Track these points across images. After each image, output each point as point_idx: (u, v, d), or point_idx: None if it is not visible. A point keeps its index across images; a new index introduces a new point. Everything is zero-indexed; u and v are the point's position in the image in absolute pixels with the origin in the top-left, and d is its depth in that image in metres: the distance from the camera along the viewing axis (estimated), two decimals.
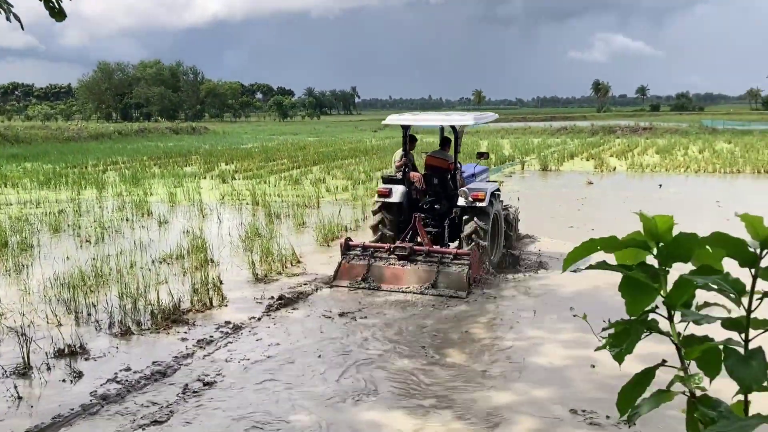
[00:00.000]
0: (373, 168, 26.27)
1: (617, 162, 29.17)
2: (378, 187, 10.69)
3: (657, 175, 24.88)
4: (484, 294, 9.16)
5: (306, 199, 17.71)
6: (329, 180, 22.87)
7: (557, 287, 9.38)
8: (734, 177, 23.81)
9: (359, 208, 16.15)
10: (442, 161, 10.58)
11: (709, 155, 30.24)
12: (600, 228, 13.94)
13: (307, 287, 9.48)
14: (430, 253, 9.47)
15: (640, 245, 1.64)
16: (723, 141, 39.94)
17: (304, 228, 14.20)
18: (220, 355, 6.99)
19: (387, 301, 8.94)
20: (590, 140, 43.75)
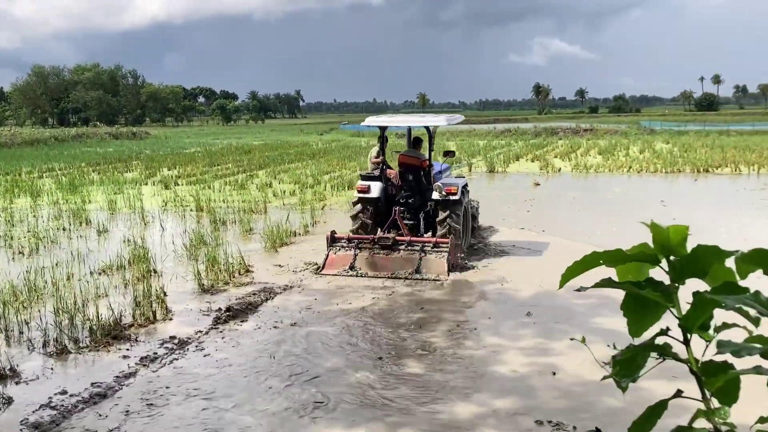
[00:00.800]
0: (321, 171, 25.94)
1: (562, 163, 29.52)
2: (357, 183, 11.50)
3: (601, 175, 25.24)
4: (439, 300, 8.96)
5: (252, 204, 17.25)
6: (276, 184, 22.42)
7: (513, 292, 9.25)
8: (675, 176, 24.33)
9: (308, 213, 15.79)
10: (416, 159, 11.45)
11: (650, 155, 30.90)
12: (551, 229, 13.95)
13: (256, 297, 9.08)
14: (411, 242, 10.47)
15: (649, 259, 1.41)
16: (661, 141, 40.99)
17: (252, 235, 13.77)
18: (166, 373, 6.56)
19: (340, 309, 8.63)
20: (534, 142, 44.32)
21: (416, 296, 9.24)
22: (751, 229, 13.79)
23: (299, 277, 10.22)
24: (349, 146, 43.60)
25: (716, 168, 25.46)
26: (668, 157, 29.14)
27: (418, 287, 9.67)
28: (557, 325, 7.75)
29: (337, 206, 17.66)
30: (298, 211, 16.67)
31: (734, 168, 25.16)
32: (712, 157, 28.44)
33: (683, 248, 1.38)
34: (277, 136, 66.29)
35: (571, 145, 39.09)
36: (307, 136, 66.74)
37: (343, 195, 19.83)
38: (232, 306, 8.62)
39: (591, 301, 8.58)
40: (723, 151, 30.91)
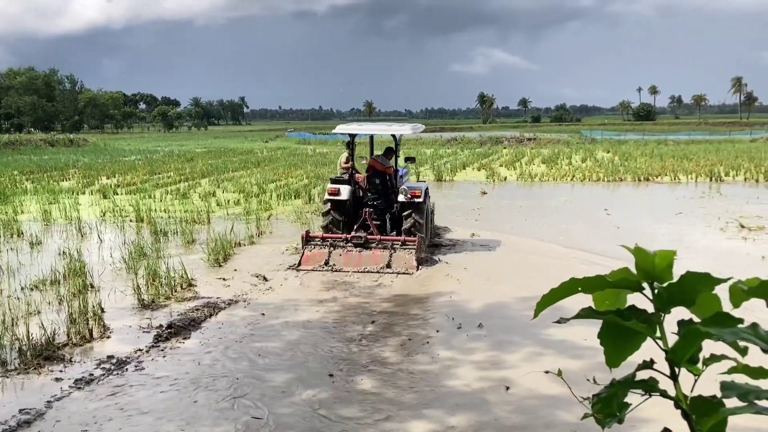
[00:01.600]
0: (266, 180, 25.56)
1: (507, 172, 29.87)
2: (327, 186, 12.50)
3: (546, 184, 25.61)
4: (390, 313, 8.82)
5: (195, 214, 16.80)
6: (220, 193, 21.97)
7: (464, 303, 9.17)
8: (617, 185, 24.87)
9: (253, 223, 15.45)
10: (383, 166, 12.64)
11: (592, 164, 31.55)
12: (498, 252, 13.99)
13: (199, 313, 8.75)
14: (381, 240, 11.53)
15: (632, 286, 1.30)
16: (602, 150, 41.97)
17: (195, 246, 13.37)
18: (102, 395, 6.20)
19: (288, 323, 8.40)
20: (479, 151, 44.78)
21: (366, 309, 9.07)
22: (691, 236, 14.11)
23: (245, 291, 9.93)
24: (295, 154, 43.22)
25: (656, 177, 26.14)
26: (609, 166, 29.80)
27: (367, 299, 9.51)
28: (509, 338, 7.69)
29: (283, 216, 17.36)
30: (243, 221, 16.31)
31: (673, 177, 25.88)
32: (652, 166, 29.21)
33: (669, 274, 1.29)
34: (221, 143, 65.33)
35: (516, 154, 39.64)
36: (251, 144, 65.97)
37: (290, 204, 19.54)
38: (174, 322, 8.28)
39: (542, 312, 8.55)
40: (662, 161, 31.81)
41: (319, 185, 23.56)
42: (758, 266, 11.12)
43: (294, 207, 18.57)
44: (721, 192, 21.80)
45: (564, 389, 6.08)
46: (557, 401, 5.85)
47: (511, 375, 6.54)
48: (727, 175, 26.28)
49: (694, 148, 41.12)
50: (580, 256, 12.28)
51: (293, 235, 14.40)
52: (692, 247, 12.67)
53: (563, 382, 6.15)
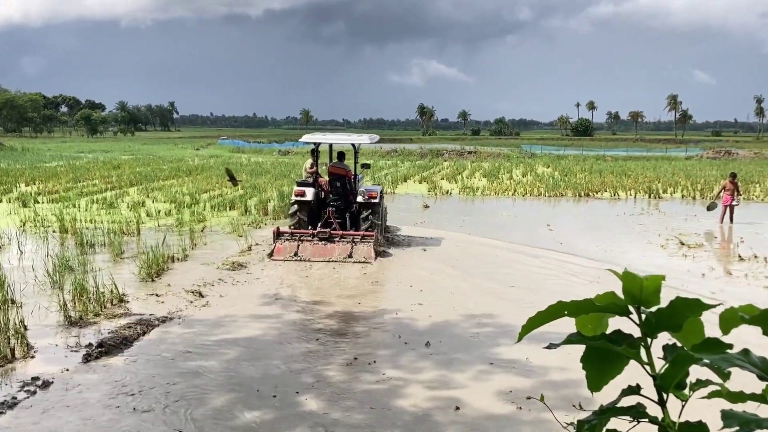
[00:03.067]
0: (199, 189, 25.14)
1: (449, 185, 30.27)
2: (294, 189, 14.58)
3: (488, 198, 26.06)
4: (333, 331, 8.77)
5: (124, 225, 16.36)
6: (149, 203, 21.48)
7: (410, 321, 9.20)
8: (558, 200, 25.52)
9: (186, 235, 15.14)
10: (343, 170, 14.76)
11: (533, 179, 32.28)
12: (444, 253, 14.12)
13: (131, 331, 8.50)
14: (344, 235, 13.75)
15: (619, 310, 1.33)
16: (542, 165, 43.01)
17: (124, 259, 13.02)
18: (26, 420, 5.94)
19: (226, 341, 8.25)
20: (420, 163, 45.22)
21: (308, 325, 9.01)
22: (632, 253, 14.57)
23: (180, 307, 9.71)
24: (229, 162, 42.64)
25: (596, 193, 26.95)
26: (550, 181, 30.55)
27: (310, 316, 9.45)
28: (457, 356, 7.75)
29: (218, 228, 17.10)
30: (176, 233, 15.99)
31: (613, 193, 26.73)
32: (592, 181, 30.10)
33: (656, 299, 1.32)
34: (149, 150, 63.91)
35: (457, 168, 40.18)
36: (182, 151, 64.80)
37: (225, 215, 19.26)
38: (105, 341, 8.02)
39: (489, 330, 8.68)
40: (601, 177, 32.80)
41: (255, 195, 23.33)
42: (698, 283, 11.56)
43: (230, 219, 18.31)
44: (659, 209, 22.61)
45: (513, 408, 6.18)
46: (509, 421, 5.93)
47: (461, 395, 6.59)
48: (665, 192, 27.32)
49: (632, 165, 42.57)
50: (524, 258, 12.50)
51: (229, 249, 14.22)
52: (634, 264, 13.06)
53: (513, 402, 6.26)
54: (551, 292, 10.48)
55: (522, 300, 10.23)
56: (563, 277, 12.12)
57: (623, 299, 1.29)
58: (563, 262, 13.52)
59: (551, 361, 7.17)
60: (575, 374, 1.04)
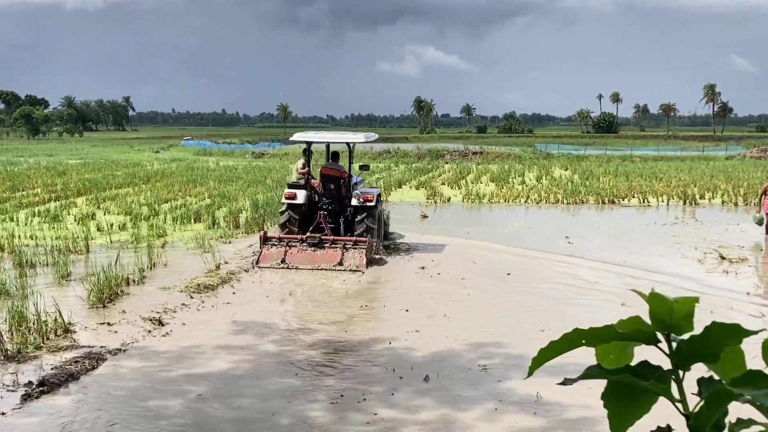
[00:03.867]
0: (159, 199, 25.12)
1: (450, 191, 30.35)
2: (285, 191, 15.68)
3: (495, 206, 26.12)
4: (317, 363, 8.76)
5: (71, 241, 16.32)
6: (101, 216, 21.47)
7: (406, 351, 9.20)
8: (578, 208, 25.64)
9: (144, 252, 15.11)
10: (337, 171, 15.90)
11: (549, 183, 32.39)
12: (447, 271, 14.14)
13: (78, 365, 8.46)
14: (335, 241, 14.64)
15: (646, 338, 1.33)
16: (559, 167, 43.19)
17: (71, 282, 13.00)
18: None
19: (191, 376, 8.22)
20: (417, 166, 45.32)
21: (287, 357, 9.00)
22: (664, 270, 14.59)
23: (136, 338, 9.68)
24: (194, 167, 42.66)
25: (622, 199, 27.07)
26: (569, 185, 30.67)
27: (288, 346, 9.43)
28: (461, 392, 7.74)
29: (181, 243, 17.08)
30: (132, 250, 15.99)
31: (641, 199, 26.85)
32: (617, 186, 30.24)
33: (689, 325, 1.31)
34: (101, 153, 63.90)
35: (460, 171, 40.32)
36: (139, 154, 64.82)
37: (189, 229, 19.23)
38: (47, 378, 7.98)
39: (497, 361, 8.68)
40: (628, 180, 32.97)
41: (225, 206, 23.32)
42: (742, 304, 11.59)
43: (195, 233, 18.29)
44: (696, 217, 22.73)
45: None
46: None
47: None
48: (703, 198, 27.46)
49: (663, 166, 42.79)
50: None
51: (194, 268, 14.20)
52: (666, 282, 13.11)
53: None
54: (571, 317, 10.50)
55: (537, 325, 10.23)
56: (585, 299, 12.15)
57: (650, 325, 1.28)
58: (585, 280, 13.54)
59: (568, 397, 7.17)
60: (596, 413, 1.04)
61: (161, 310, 11.00)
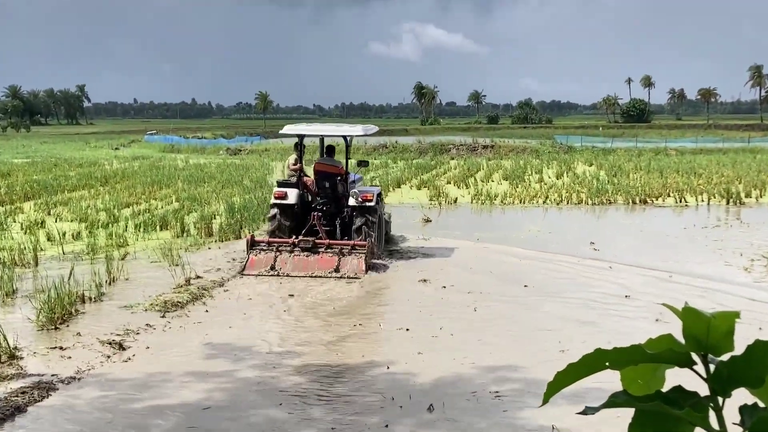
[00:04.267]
0: (119, 203, 25.12)
1: (457, 191, 30.46)
2: (274, 190, 16.18)
3: (510, 207, 26.15)
4: (303, 392, 8.75)
5: (16, 253, 16.32)
6: (51, 223, 21.45)
7: (407, 376, 9.20)
8: (605, 209, 25.68)
9: (102, 265, 15.10)
10: (333, 167, 16.40)
11: (570, 181, 32.44)
12: (454, 281, 14.14)
13: (26, 397, 8.46)
14: (330, 245, 15.14)
15: (679, 359, 1.34)
16: (583, 162, 43.28)
17: (17, 300, 13.03)
18: None
19: (157, 408, 8.21)
20: (419, 162, 45.38)
21: (270, 384, 8.99)
22: (708, 279, 14.59)
23: (93, 364, 9.69)
24: (159, 166, 42.68)
25: (656, 198, 27.16)
26: (594, 183, 30.72)
27: (270, 372, 9.42)
28: (470, 423, 7.74)
29: (145, 254, 17.07)
30: (88, 262, 15.99)
31: (678, 198, 26.93)
32: (650, 183, 30.32)
33: (729, 344, 1.32)
34: (52, 151, 63.87)
35: (468, 167, 40.39)
36: (95, 151, 64.81)
37: (154, 237, 19.21)
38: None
39: (511, 387, 8.68)
40: (662, 177, 33.03)
41: (196, 210, 23.28)
42: None
43: (160, 242, 18.27)
44: (741, 218, 22.81)
45: None
46: None
47: None
48: (749, 197, 27.56)
49: (703, 160, 42.90)
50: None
51: (160, 283, 14.20)
52: (709, 293, 13.12)
53: None
54: (595, 335, 10.51)
55: (556, 345, 10.23)
56: (613, 314, 12.15)
57: (684, 345, 1.28)
58: (612, 292, 13.54)
59: (590, 428, 7.15)
60: None
61: (122, 331, 10.98)
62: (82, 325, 11.46)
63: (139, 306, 12.54)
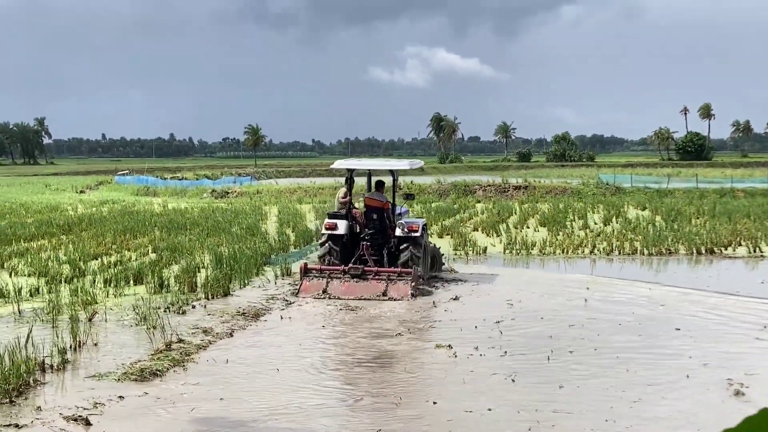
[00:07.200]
0: (86, 254, 24.98)
1: (486, 239, 30.61)
2: (325, 221, 20.45)
3: (550, 258, 26.00)
4: None
5: None
6: (5, 277, 21.31)
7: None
8: (664, 260, 25.53)
9: (65, 327, 14.92)
10: (380, 201, 20.51)
11: (622, 227, 32.28)
12: (523, 325, 13.89)
13: None
14: (378, 272, 19.14)
15: None
16: (634, 206, 43.06)
17: None
18: None
19: None
20: (439, 205, 45.32)
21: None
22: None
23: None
24: (132, 212, 42.69)
25: (724, 248, 26.97)
26: (650, 230, 30.54)
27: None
28: None
29: (116, 313, 16.88)
30: (48, 323, 15.88)
31: (752, 248, 26.68)
32: (716, 230, 30.11)
33: None
34: (5, 195, 64.03)
35: (498, 211, 40.30)
36: (57, 195, 65.11)
37: (128, 294, 19.05)
38: None
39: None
40: (731, 222, 32.85)
41: (177, 262, 23.15)
42: None
43: (135, 298, 18.10)
44: None
45: None
46: None
47: None
48: None
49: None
50: None
51: (134, 348, 14.05)
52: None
53: None
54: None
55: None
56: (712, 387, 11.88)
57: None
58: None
59: None
60: None
61: (89, 405, 10.88)
62: (42, 398, 11.33)
63: (110, 375, 12.42)
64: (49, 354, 13.16)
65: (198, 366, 13.02)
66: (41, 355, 12.97)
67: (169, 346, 14.02)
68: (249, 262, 22.10)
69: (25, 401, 11.18)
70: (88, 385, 11.89)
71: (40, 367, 12.63)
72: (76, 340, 14.33)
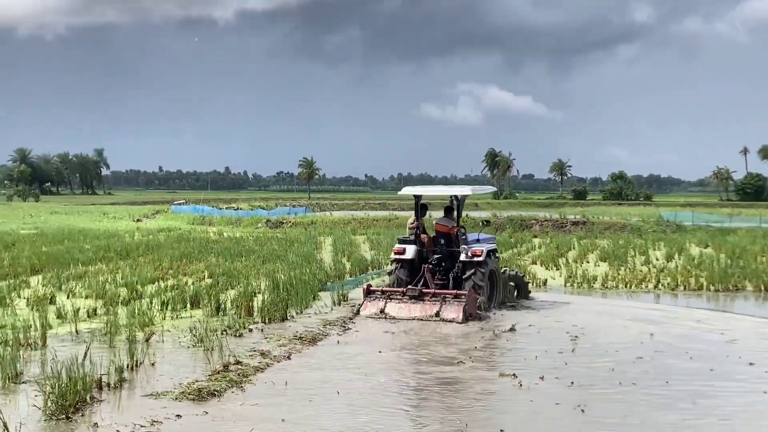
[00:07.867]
0: (143, 278, 25.05)
1: (546, 272, 30.37)
2: (394, 246, 21.79)
3: (612, 292, 25.60)
4: None
5: (21, 331, 16.16)
6: (62, 299, 21.39)
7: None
8: (731, 297, 25.19)
9: (123, 347, 14.83)
10: (446, 226, 21.71)
11: (685, 263, 31.80)
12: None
13: None
14: (435, 293, 19.94)
15: None
16: (696, 243, 42.55)
17: (21, 385, 12.83)
18: None
19: None
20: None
21: None
22: None
23: None
24: (189, 238, 42.91)
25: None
26: (714, 266, 30.04)
27: None
28: None
29: (173, 335, 16.79)
30: (105, 343, 15.86)
31: None
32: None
33: None
34: (64, 222, 65.02)
35: (557, 246, 40.03)
36: (115, 222, 65.84)
37: (184, 316, 18.98)
38: None
39: None
40: None
41: (233, 287, 23.09)
42: None
43: (191, 321, 18.02)
44: None
45: None
46: None
47: None
48: None
49: None
50: None
51: (191, 368, 13.99)
52: None
53: None
54: None
55: None
56: None
57: None
58: None
59: None
60: None
61: (146, 423, 10.79)
62: (99, 415, 11.22)
63: (167, 394, 12.32)
64: (106, 372, 13.05)
65: (256, 387, 12.85)
66: (98, 373, 12.86)
67: (226, 368, 13.87)
68: (305, 288, 22.03)
69: (81, 417, 11.07)
70: (145, 404, 11.81)
71: (97, 384, 12.51)
72: (133, 360, 14.23)
